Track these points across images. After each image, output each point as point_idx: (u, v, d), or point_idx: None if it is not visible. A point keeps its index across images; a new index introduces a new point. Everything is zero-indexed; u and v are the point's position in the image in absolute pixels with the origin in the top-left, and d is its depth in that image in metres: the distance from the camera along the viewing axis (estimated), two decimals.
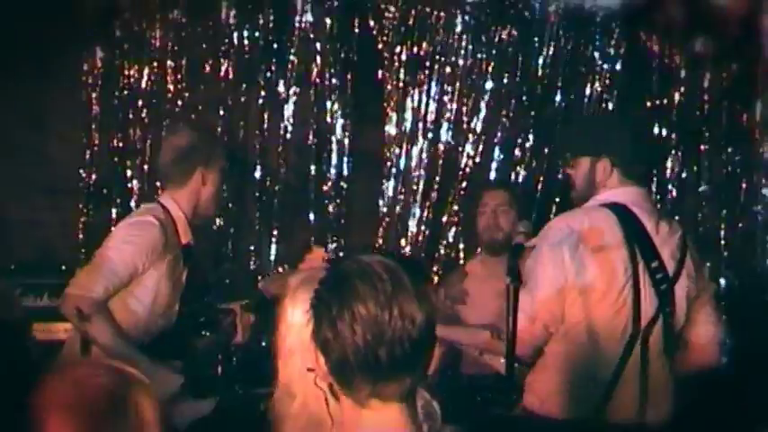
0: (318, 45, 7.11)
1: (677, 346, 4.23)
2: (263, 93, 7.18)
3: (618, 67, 6.84)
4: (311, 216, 7.19)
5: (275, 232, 7.19)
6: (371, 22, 7.10)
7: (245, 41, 7.14)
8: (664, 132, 6.80)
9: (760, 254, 6.69)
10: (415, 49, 7.04)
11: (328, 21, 7.07)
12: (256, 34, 7.13)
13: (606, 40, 6.86)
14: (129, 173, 7.18)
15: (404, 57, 7.06)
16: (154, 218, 4.71)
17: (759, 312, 6.69)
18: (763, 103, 6.71)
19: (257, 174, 7.20)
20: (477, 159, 7.02)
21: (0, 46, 6.55)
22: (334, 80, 7.14)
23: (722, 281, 6.72)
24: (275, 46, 7.15)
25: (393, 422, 2.08)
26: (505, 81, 6.97)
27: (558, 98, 6.90)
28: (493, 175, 6.96)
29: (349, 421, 2.11)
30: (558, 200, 6.66)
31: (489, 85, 7.00)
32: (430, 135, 7.07)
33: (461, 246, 7.03)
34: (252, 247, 7.20)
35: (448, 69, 7.03)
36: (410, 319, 2.03)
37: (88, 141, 7.13)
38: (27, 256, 6.90)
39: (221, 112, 7.16)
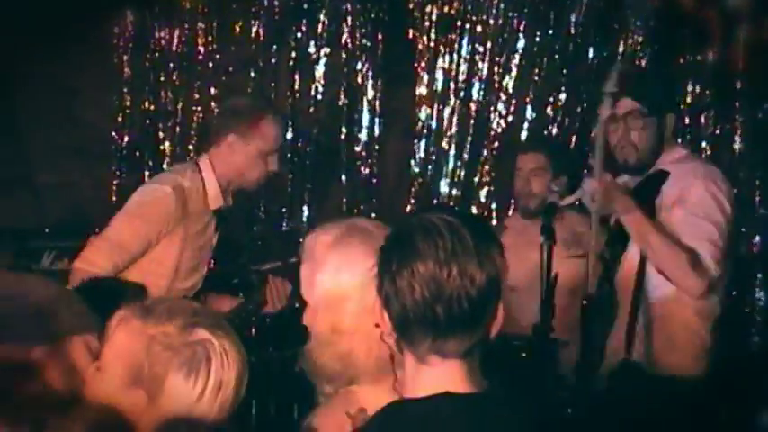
0: (348, 5, 7.08)
1: None
2: (293, 54, 7.17)
3: (651, 23, 6.77)
4: (343, 177, 7.19)
5: (307, 194, 7.19)
6: None
7: (276, 2, 7.13)
8: (697, 88, 6.74)
9: None
10: (446, 8, 7.00)
11: None
12: None
13: None
14: (161, 135, 7.20)
15: (434, 16, 7.02)
16: (170, 186, 4.56)
17: None
18: None
19: (289, 135, 7.20)
20: (510, 119, 6.98)
21: (31, 11, 6.57)
22: (364, 40, 7.12)
23: (757, 238, 6.68)
24: (305, 6, 7.13)
25: (452, 378, 2.10)
26: (537, 39, 6.91)
27: (590, 55, 6.85)
28: (524, 135, 6.92)
29: (410, 376, 2.13)
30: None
31: (521, 43, 6.94)
32: (461, 95, 7.04)
33: (494, 206, 7.01)
34: (284, 209, 7.21)
35: (479, 28, 6.98)
36: (469, 278, 2.05)
37: (120, 104, 7.15)
38: (61, 218, 6.94)
39: (252, 74, 7.16)
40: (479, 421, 2.06)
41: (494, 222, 6.67)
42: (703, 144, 6.74)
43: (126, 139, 7.19)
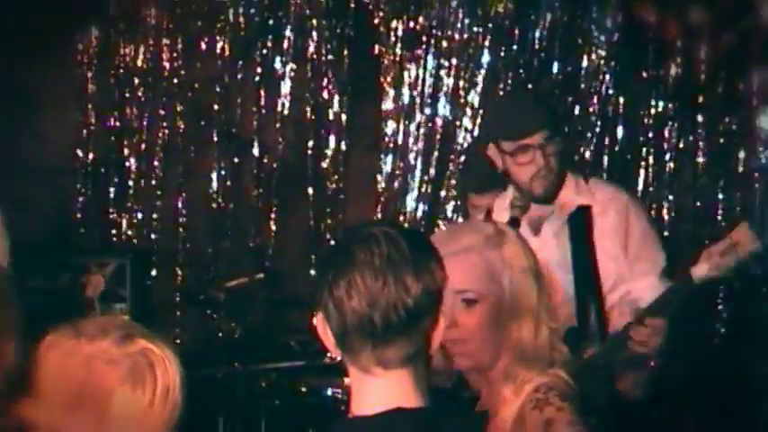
0: (314, 21, 7.09)
1: None
2: (259, 69, 7.17)
3: (614, 38, 6.81)
4: (309, 192, 7.18)
5: (274, 209, 7.18)
6: None
7: (241, 18, 7.13)
8: (660, 103, 6.79)
9: (757, 223, 6.68)
10: (411, 24, 7.02)
11: None
12: (252, 11, 7.11)
13: (603, 11, 6.83)
14: (125, 151, 7.18)
15: (399, 31, 7.04)
16: None
17: (756, 284, 6.69)
18: (759, 72, 6.70)
19: (255, 151, 7.20)
20: (475, 133, 7.00)
21: None
22: (330, 56, 7.13)
23: None
24: (270, 22, 7.14)
25: (398, 390, 2.12)
26: (502, 54, 6.94)
27: (554, 70, 6.88)
28: (490, 150, 6.92)
29: (356, 388, 2.16)
30: None
31: (486, 58, 6.97)
32: (427, 110, 7.05)
33: (460, 221, 7.02)
34: (251, 225, 7.20)
35: (444, 43, 7.00)
36: (405, 288, 2.08)
37: (84, 120, 7.12)
38: (23, 235, 6.90)
39: (217, 90, 7.16)
40: None
41: None
42: (666, 157, 6.79)
43: (90, 155, 7.16)
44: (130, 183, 7.17)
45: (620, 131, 6.80)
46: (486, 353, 2.70)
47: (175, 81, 7.18)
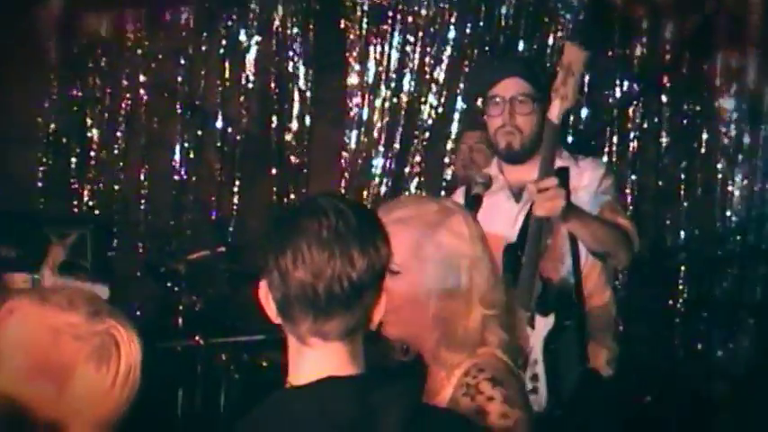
0: None
1: None
2: (223, 41, 7.13)
3: (580, 16, 6.82)
4: (273, 166, 7.16)
5: (237, 182, 7.16)
6: None
7: None
8: (626, 82, 6.81)
9: (719, 205, 6.73)
10: None
11: None
12: None
13: None
14: (88, 121, 7.14)
15: (366, 6, 7.02)
16: None
17: (717, 263, 6.74)
18: (723, 54, 6.73)
19: (219, 123, 7.17)
20: (440, 110, 7.00)
21: None
22: (295, 29, 7.10)
23: (682, 232, 6.76)
24: None
25: (335, 361, 2.12)
26: (468, 31, 6.94)
27: (520, 47, 6.88)
28: (455, 126, 6.94)
29: (293, 358, 2.16)
30: None
31: (452, 34, 6.96)
32: (392, 85, 7.04)
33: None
34: (213, 198, 7.18)
35: (410, 19, 6.99)
36: (350, 261, 2.07)
37: (46, 90, 7.07)
38: None
39: (181, 62, 7.12)
40: (363, 403, 2.07)
41: None
42: (630, 136, 6.82)
43: (53, 126, 7.12)
44: (92, 153, 7.13)
45: (584, 111, 6.82)
46: (411, 327, 2.66)
47: (139, 52, 7.14)
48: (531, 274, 3.92)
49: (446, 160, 6.82)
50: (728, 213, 6.72)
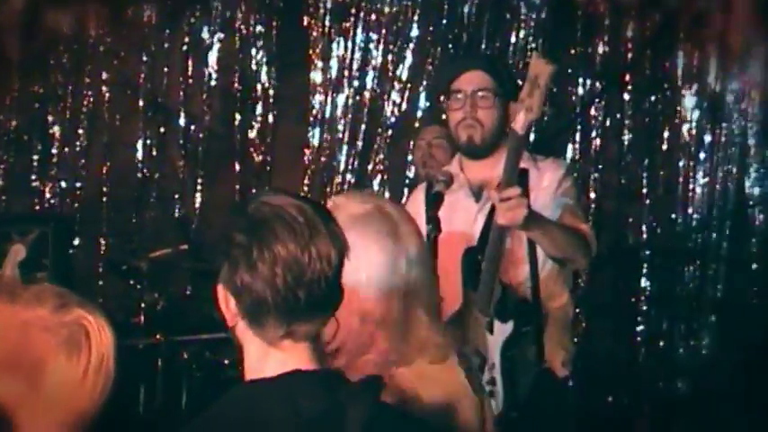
0: None
1: None
2: (186, 39, 7.11)
3: (543, 15, 6.84)
4: (236, 164, 7.15)
5: (199, 180, 7.14)
6: None
7: None
8: (588, 81, 6.84)
9: (681, 202, 6.77)
10: None
11: None
12: None
13: None
14: (50, 118, 7.10)
15: (329, 3, 7.01)
16: None
17: (679, 260, 6.78)
18: (685, 52, 6.77)
19: (181, 121, 7.15)
20: (403, 107, 7.00)
21: None
22: (258, 26, 7.09)
23: (644, 229, 6.80)
24: None
25: (302, 360, 2.08)
26: (431, 28, 6.95)
27: (483, 46, 6.90)
28: (418, 125, 6.95)
29: (256, 360, 2.11)
30: None
31: (415, 32, 6.97)
32: (355, 83, 7.04)
33: (387, 194, 7.03)
34: (176, 195, 7.15)
35: (373, 16, 6.99)
36: (327, 259, 2.03)
37: (8, 86, 7.03)
38: None
39: (144, 58, 7.09)
40: (329, 397, 2.04)
41: None
42: (593, 134, 6.85)
43: (14, 122, 7.07)
44: (54, 151, 7.08)
45: (546, 109, 6.84)
46: (359, 338, 2.51)
47: (101, 49, 7.10)
48: (490, 280, 3.93)
49: (409, 158, 6.82)
50: (690, 210, 6.76)
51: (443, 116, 5.53)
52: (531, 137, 6.75)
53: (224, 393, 2.09)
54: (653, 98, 6.82)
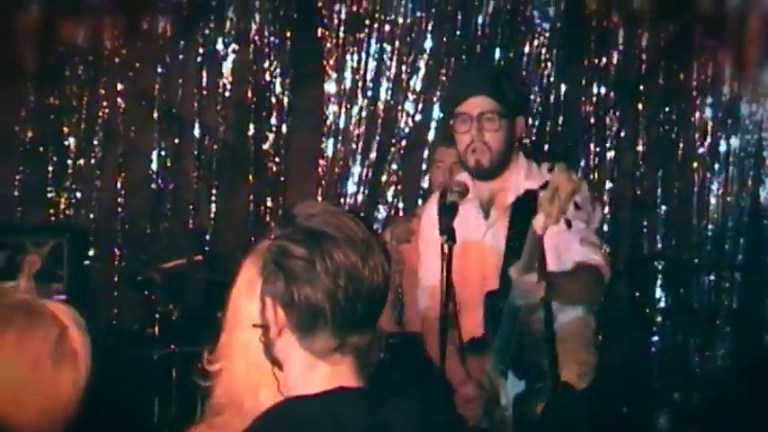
0: (257, 2, 7.06)
1: None
2: (200, 50, 7.12)
3: (557, 25, 6.84)
4: (250, 175, 7.16)
5: (214, 191, 7.15)
6: None
7: None
8: (602, 91, 6.83)
9: (696, 213, 6.77)
10: (354, 7, 7.01)
11: None
12: None
13: None
14: (65, 130, 7.12)
15: (343, 15, 7.02)
16: None
17: (694, 271, 6.77)
18: (699, 63, 6.77)
19: (196, 132, 7.16)
20: (417, 118, 7.01)
21: None
22: (272, 38, 7.10)
23: (658, 240, 6.79)
24: (213, 2, 7.10)
25: (347, 374, 2.06)
26: (444, 39, 6.95)
27: (497, 56, 6.90)
28: (431, 135, 6.95)
29: (301, 373, 2.07)
30: None
31: (428, 43, 6.98)
32: (369, 94, 7.05)
33: (401, 205, 7.04)
34: (190, 206, 7.16)
35: (387, 27, 7.00)
36: (382, 271, 2.03)
37: (24, 98, 7.05)
38: None
39: (159, 70, 7.11)
40: (374, 415, 2.02)
41: None
42: (607, 145, 6.84)
43: (30, 134, 7.09)
44: (69, 162, 7.10)
45: (561, 119, 6.84)
46: None
47: (116, 60, 7.12)
48: (507, 342, 3.99)
49: (423, 168, 6.83)
50: (705, 221, 6.75)
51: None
52: (546, 147, 6.79)
53: (267, 409, 2.04)
54: (667, 109, 6.82)
